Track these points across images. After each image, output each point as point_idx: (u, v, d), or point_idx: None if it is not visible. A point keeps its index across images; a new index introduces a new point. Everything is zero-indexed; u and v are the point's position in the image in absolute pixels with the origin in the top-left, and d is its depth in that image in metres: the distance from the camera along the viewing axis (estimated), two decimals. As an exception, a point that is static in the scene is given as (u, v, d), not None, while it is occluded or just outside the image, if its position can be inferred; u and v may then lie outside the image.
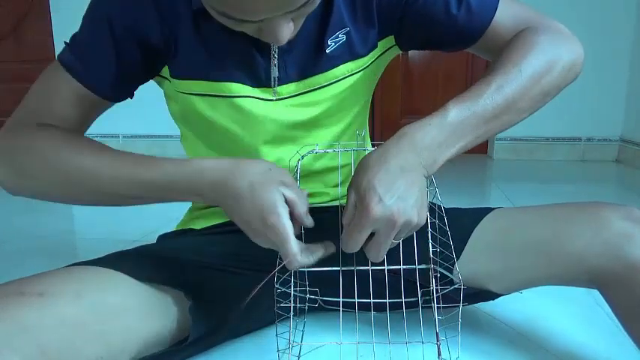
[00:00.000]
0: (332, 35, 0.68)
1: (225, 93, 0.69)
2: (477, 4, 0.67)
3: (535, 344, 0.79)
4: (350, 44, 0.70)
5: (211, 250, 0.75)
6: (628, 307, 0.64)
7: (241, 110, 0.69)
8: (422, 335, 0.66)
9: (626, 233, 0.62)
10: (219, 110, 0.70)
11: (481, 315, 0.88)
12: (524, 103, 0.62)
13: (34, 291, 0.53)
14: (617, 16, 2.41)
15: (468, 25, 0.68)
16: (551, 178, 2.22)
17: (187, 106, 0.71)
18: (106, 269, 0.62)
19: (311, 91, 0.71)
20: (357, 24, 0.69)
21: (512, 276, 0.71)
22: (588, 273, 0.65)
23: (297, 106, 0.72)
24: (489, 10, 0.68)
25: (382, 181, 0.54)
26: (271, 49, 0.67)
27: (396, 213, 0.53)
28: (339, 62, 0.70)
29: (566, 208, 0.70)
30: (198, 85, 0.69)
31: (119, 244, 0.82)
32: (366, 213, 0.53)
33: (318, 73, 0.70)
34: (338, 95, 0.73)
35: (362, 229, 0.54)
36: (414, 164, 0.56)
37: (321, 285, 0.70)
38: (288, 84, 0.70)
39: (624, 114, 2.51)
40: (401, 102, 2.80)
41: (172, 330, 0.65)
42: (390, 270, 0.63)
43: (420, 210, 0.55)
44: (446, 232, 0.61)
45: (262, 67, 0.68)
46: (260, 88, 0.69)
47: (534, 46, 0.63)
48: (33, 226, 1.54)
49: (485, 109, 0.59)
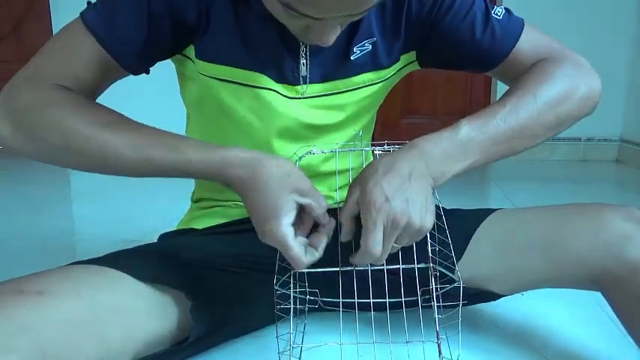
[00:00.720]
0: (359, 43, 0.69)
1: (251, 83, 0.68)
2: (501, 30, 0.68)
3: (536, 344, 0.79)
4: (375, 54, 0.70)
5: (212, 249, 0.75)
6: (629, 308, 0.64)
7: (263, 102, 0.69)
8: (422, 334, 0.66)
9: (627, 234, 0.62)
10: (240, 98, 0.69)
11: (482, 315, 0.88)
12: (537, 129, 0.62)
13: (33, 289, 0.53)
14: (617, 17, 2.41)
15: (490, 49, 0.69)
16: (551, 178, 2.22)
17: (207, 90, 0.70)
18: (107, 268, 0.62)
19: (333, 94, 0.71)
20: (384, 34, 0.70)
21: (513, 277, 0.71)
22: (589, 274, 0.65)
23: (316, 107, 0.72)
24: (513, 38, 0.69)
25: (391, 183, 0.55)
26: (300, 49, 0.67)
27: (399, 213, 0.53)
28: (361, 70, 0.71)
29: (568, 209, 0.70)
30: (224, 70, 0.68)
31: (119, 243, 0.82)
32: (374, 210, 0.53)
33: (340, 79, 0.70)
34: (357, 103, 0.74)
35: (374, 227, 0.54)
36: (423, 173, 0.57)
37: (320, 286, 0.70)
38: (312, 85, 0.70)
39: (624, 114, 2.51)
40: (401, 102, 2.80)
41: (173, 330, 0.65)
42: (389, 270, 0.63)
43: (424, 215, 0.55)
44: (444, 230, 0.61)
45: (289, 65, 0.68)
46: (284, 85, 0.69)
47: (552, 74, 0.64)
48: (33, 226, 1.53)
49: (497, 130, 0.60)
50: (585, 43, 2.47)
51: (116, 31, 0.62)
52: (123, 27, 0.62)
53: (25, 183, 2.17)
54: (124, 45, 0.63)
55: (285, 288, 0.60)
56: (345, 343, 0.68)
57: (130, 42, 0.63)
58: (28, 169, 2.44)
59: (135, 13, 0.61)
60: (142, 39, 0.63)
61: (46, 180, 2.19)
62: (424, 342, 0.65)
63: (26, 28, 3.02)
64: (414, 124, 2.76)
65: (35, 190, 2.05)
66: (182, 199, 0.96)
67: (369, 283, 0.64)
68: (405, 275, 0.66)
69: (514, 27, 0.70)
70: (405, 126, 2.83)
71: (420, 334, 0.67)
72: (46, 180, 2.20)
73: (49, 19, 2.88)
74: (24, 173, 2.37)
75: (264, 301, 0.67)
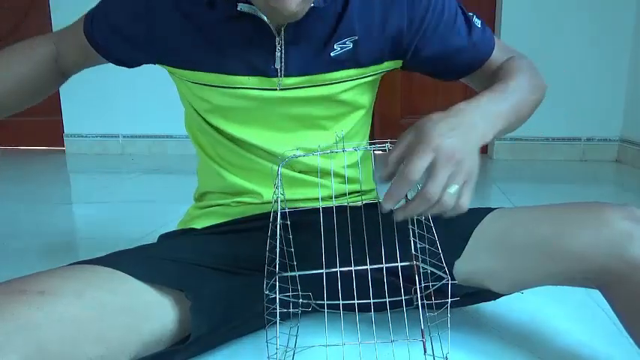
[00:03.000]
0: (339, 40, 0.71)
1: (225, 84, 0.72)
2: (481, 37, 0.77)
3: (534, 344, 0.79)
4: (356, 52, 0.73)
5: (212, 250, 0.75)
6: (629, 306, 0.64)
7: (243, 98, 0.73)
8: (407, 333, 0.65)
9: (628, 232, 0.62)
10: (222, 96, 0.74)
11: (478, 314, 0.88)
12: (526, 109, 0.70)
13: (34, 289, 0.53)
14: (617, 16, 2.41)
15: (474, 55, 0.77)
16: (551, 178, 2.22)
17: (191, 90, 0.77)
18: (107, 268, 0.62)
19: (310, 87, 0.73)
20: (368, 36, 0.73)
21: (513, 275, 0.71)
22: (590, 272, 0.65)
23: (295, 99, 0.74)
24: (490, 44, 0.78)
25: (448, 122, 0.56)
26: (275, 41, 0.69)
27: (457, 148, 0.53)
28: (341, 67, 0.73)
29: (568, 207, 0.70)
30: (196, 75, 0.74)
31: (119, 243, 0.82)
32: (427, 141, 0.53)
33: (320, 73, 0.72)
34: (338, 95, 0.75)
35: (423, 154, 0.53)
36: (476, 123, 0.58)
37: (313, 288, 0.70)
38: (289, 77, 0.72)
39: (624, 114, 2.50)
40: (401, 102, 2.80)
41: (173, 330, 0.65)
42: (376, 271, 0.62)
43: (475, 159, 0.55)
44: (431, 227, 0.61)
45: (264, 58, 0.71)
46: (259, 77, 0.72)
47: (527, 69, 0.73)
48: (33, 226, 1.54)
49: (511, 102, 0.65)
50: (585, 43, 2.48)
51: (97, 38, 0.80)
52: (100, 33, 0.79)
53: (25, 183, 2.17)
54: (106, 48, 0.81)
55: (272, 291, 0.60)
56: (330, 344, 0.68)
57: (109, 47, 0.80)
58: (28, 169, 2.44)
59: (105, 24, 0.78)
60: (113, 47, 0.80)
61: (46, 180, 2.19)
62: (408, 340, 0.65)
63: (26, 28, 3.02)
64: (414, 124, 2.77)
65: (35, 190, 2.05)
66: (182, 199, 0.96)
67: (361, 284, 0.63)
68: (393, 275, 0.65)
69: (489, 35, 0.79)
70: (405, 126, 2.81)
71: (405, 333, 0.66)
72: (46, 180, 2.20)
73: (49, 19, 2.88)
74: (24, 173, 2.38)
75: (263, 302, 0.67)
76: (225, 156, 0.81)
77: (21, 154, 2.91)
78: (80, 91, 2.68)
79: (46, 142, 3.10)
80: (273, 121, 0.76)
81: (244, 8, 0.66)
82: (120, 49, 0.79)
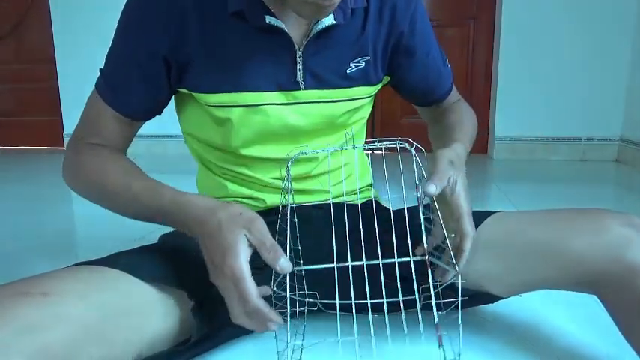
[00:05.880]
0: (355, 59, 0.75)
1: (248, 103, 0.72)
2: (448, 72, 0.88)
3: (536, 344, 0.79)
4: (366, 71, 0.77)
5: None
6: (627, 310, 0.64)
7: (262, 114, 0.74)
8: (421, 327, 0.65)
9: (626, 237, 0.63)
10: (244, 118, 0.74)
11: (482, 315, 0.88)
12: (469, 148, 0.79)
13: (38, 291, 0.53)
14: (617, 17, 2.41)
15: (445, 81, 0.88)
16: (551, 178, 2.22)
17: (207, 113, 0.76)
18: (110, 269, 0.62)
19: (327, 102, 0.76)
20: (376, 55, 0.77)
21: (512, 278, 0.71)
22: (588, 275, 0.65)
23: (310, 113, 0.75)
24: (450, 80, 0.90)
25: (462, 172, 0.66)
26: (296, 54, 0.71)
27: None
28: (355, 84, 0.77)
29: (567, 213, 0.72)
30: (220, 97, 0.72)
31: (120, 243, 0.82)
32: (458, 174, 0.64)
33: (337, 88, 0.75)
34: (349, 113, 0.79)
35: None
36: None
37: (319, 288, 0.70)
38: (308, 90, 0.74)
39: (624, 114, 2.51)
40: (401, 102, 2.80)
41: (175, 330, 0.66)
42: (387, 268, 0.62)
43: None
44: (440, 224, 0.61)
45: (285, 71, 0.72)
46: (280, 92, 0.73)
47: (471, 113, 0.88)
48: (33, 226, 1.54)
49: (469, 146, 0.77)
50: (585, 43, 2.48)
51: (120, 96, 0.74)
52: (123, 89, 0.73)
53: (25, 183, 2.17)
54: (131, 104, 0.75)
55: (280, 288, 0.60)
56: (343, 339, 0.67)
57: (133, 101, 0.74)
58: (29, 169, 2.44)
59: (129, 70, 0.72)
60: (142, 93, 0.74)
61: (46, 180, 2.19)
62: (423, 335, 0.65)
63: (26, 28, 3.02)
64: (414, 124, 2.76)
65: (35, 190, 2.05)
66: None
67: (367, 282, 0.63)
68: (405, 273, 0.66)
69: (449, 70, 0.89)
70: (405, 126, 2.83)
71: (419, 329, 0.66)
72: (46, 180, 2.20)
73: (49, 19, 2.88)
74: (24, 173, 2.38)
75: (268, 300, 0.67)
76: (230, 169, 0.81)
77: (21, 154, 2.92)
78: (80, 92, 2.68)
79: (46, 142, 3.11)
80: (283, 134, 0.76)
81: (272, 21, 0.67)
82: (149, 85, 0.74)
